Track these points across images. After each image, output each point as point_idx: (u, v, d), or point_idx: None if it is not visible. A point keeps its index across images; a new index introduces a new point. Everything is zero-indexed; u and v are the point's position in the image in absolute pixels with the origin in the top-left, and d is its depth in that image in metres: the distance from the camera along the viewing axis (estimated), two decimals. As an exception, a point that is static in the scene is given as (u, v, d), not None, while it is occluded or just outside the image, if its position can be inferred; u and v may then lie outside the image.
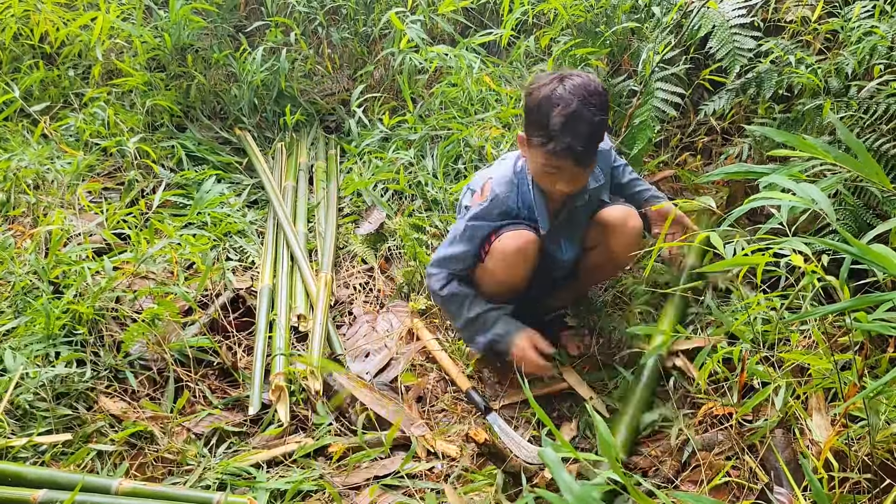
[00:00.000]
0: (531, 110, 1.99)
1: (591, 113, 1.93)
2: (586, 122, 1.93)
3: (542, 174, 2.07)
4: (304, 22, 4.18)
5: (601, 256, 2.32)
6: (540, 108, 1.94)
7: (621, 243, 2.25)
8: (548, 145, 1.95)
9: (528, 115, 2.01)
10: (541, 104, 1.95)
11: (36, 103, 3.48)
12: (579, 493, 1.14)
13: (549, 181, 2.08)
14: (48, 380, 2.10)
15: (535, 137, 1.98)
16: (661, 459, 2.02)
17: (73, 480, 1.79)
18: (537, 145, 1.99)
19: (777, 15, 2.83)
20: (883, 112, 2.32)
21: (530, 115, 2.00)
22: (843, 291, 1.42)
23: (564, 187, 2.07)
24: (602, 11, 3.24)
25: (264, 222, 3.18)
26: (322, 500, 1.94)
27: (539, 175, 2.10)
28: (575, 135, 1.92)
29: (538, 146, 1.99)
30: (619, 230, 2.24)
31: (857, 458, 1.65)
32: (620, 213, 2.25)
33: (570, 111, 1.90)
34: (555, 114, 1.91)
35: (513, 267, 2.20)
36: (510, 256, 2.17)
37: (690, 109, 3.09)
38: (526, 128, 2.04)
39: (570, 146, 1.93)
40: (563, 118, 1.90)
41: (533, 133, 2.00)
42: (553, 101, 1.92)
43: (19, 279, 2.36)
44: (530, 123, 2.00)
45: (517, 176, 2.21)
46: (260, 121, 3.92)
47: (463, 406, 2.31)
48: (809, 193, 1.20)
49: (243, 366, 2.44)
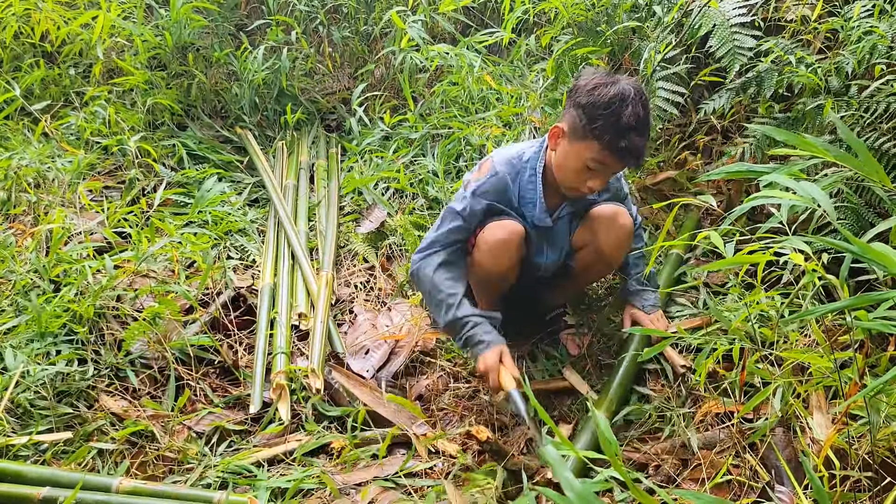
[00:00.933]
0: (596, 105, 1.97)
1: (649, 117, 2.02)
2: (648, 124, 2.01)
3: (580, 170, 2.06)
4: (305, 21, 4.18)
5: (591, 256, 2.31)
6: (609, 105, 1.95)
7: (611, 242, 2.24)
8: (613, 141, 1.96)
9: (589, 109, 1.98)
10: (611, 101, 1.95)
11: (37, 102, 3.48)
12: (580, 490, 1.14)
13: (583, 178, 2.07)
14: (49, 378, 2.10)
15: (598, 132, 1.97)
16: (661, 458, 2.02)
17: (73, 479, 1.79)
18: (596, 140, 1.98)
19: (777, 14, 2.83)
20: (883, 111, 2.32)
21: (593, 110, 1.97)
22: (842, 290, 1.42)
23: (595, 185, 2.07)
24: (603, 10, 3.24)
25: (265, 221, 3.19)
26: (323, 498, 1.94)
27: (576, 171, 2.07)
28: (641, 134, 1.98)
29: (596, 140, 1.98)
30: (608, 229, 2.23)
31: (858, 457, 1.65)
32: (610, 211, 2.24)
33: (639, 111, 1.96)
34: (627, 113, 1.94)
35: (498, 257, 2.19)
36: (495, 247, 2.16)
37: (691, 108, 3.09)
38: (581, 123, 2.01)
39: (638, 145, 1.98)
40: (633, 117, 1.95)
41: (593, 129, 1.98)
42: (625, 100, 1.95)
43: (20, 278, 2.36)
44: (592, 119, 1.98)
45: (522, 164, 2.20)
46: (261, 119, 3.93)
47: (464, 404, 2.31)
48: (810, 192, 1.20)
49: (244, 364, 2.44)
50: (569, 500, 1.14)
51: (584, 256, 2.34)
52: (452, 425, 2.25)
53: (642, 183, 2.98)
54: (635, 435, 2.14)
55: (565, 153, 2.09)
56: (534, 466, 1.97)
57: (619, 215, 2.24)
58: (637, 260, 2.43)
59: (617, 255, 2.28)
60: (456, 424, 2.25)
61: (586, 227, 2.29)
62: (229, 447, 2.14)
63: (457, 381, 2.41)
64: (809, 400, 1.91)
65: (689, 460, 1.97)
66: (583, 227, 2.30)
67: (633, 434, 2.14)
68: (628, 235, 2.26)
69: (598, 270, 2.41)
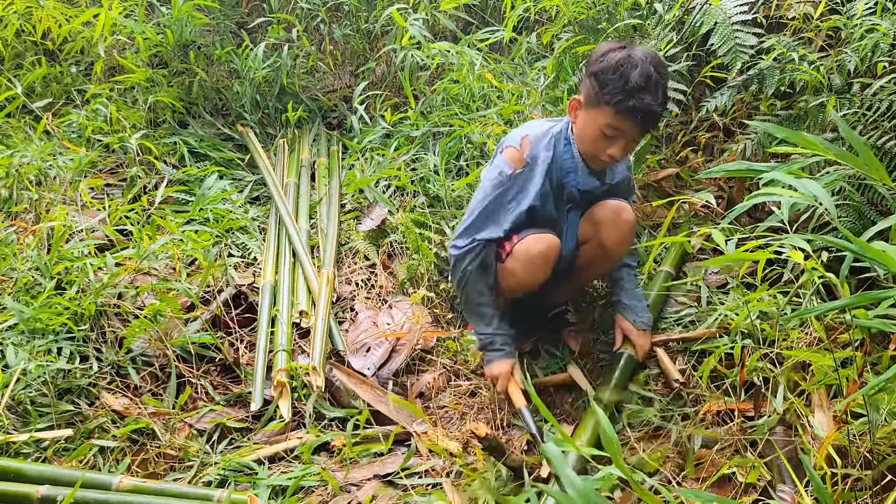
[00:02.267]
0: (605, 70, 2.00)
1: (664, 80, 2.02)
2: (662, 88, 2.01)
3: (598, 138, 2.07)
4: (306, 18, 4.18)
5: (594, 251, 2.31)
6: (618, 68, 1.97)
7: (613, 237, 2.24)
8: (623, 102, 1.97)
9: (600, 75, 2.01)
10: (619, 64, 1.97)
11: (38, 100, 3.48)
12: (582, 488, 1.14)
13: (602, 146, 2.07)
14: (50, 376, 2.10)
15: (608, 97, 1.99)
16: (662, 457, 2.02)
17: (73, 477, 1.80)
18: (608, 105, 2.00)
19: (779, 12, 2.82)
20: (886, 109, 2.32)
21: (604, 76, 2.00)
22: (842, 289, 1.42)
23: (616, 152, 2.07)
24: (604, 8, 3.24)
25: (266, 219, 3.19)
26: (323, 495, 1.95)
27: (593, 140, 2.09)
28: (653, 96, 1.98)
29: (608, 105, 2.00)
30: (611, 223, 2.24)
31: (859, 455, 1.65)
32: (613, 206, 2.25)
33: (648, 73, 1.96)
34: (636, 74, 1.95)
35: (535, 270, 2.20)
36: (534, 259, 2.17)
37: (692, 106, 3.08)
38: (593, 91, 2.03)
39: (647, 105, 1.97)
40: (643, 78, 1.95)
41: (604, 94, 2.00)
42: (631, 62, 1.97)
43: (22, 275, 2.36)
44: (602, 84, 2.00)
45: (556, 136, 2.20)
46: (262, 117, 3.92)
47: (465, 402, 2.31)
48: (811, 190, 1.20)
49: (245, 362, 2.44)
50: (570, 498, 1.14)
51: (588, 251, 2.34)
52: (453, 423, 2.25)
53: (644, 180, 2.98)
54: (635, 435, 2.14)
55: (583, 123, 2.11)
56: (535, 462, 1.97)
57: (623, 210, 2.24)
58: (631, 274, 2.42)
59: (620, 250, 2.29)
60: (456, 422, 2.25)
61: (589, 221, 2.29)
62: (230, 445, 2.14)
63: (457, 378, 2.41)
64: (811, 398, 1.91)
65: (689, 459, 1.97)
66: (586, 221, 2.30)
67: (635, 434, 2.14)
68: (631, 230, 2.26)
69: (601, 265, 2.41)
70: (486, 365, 2.24)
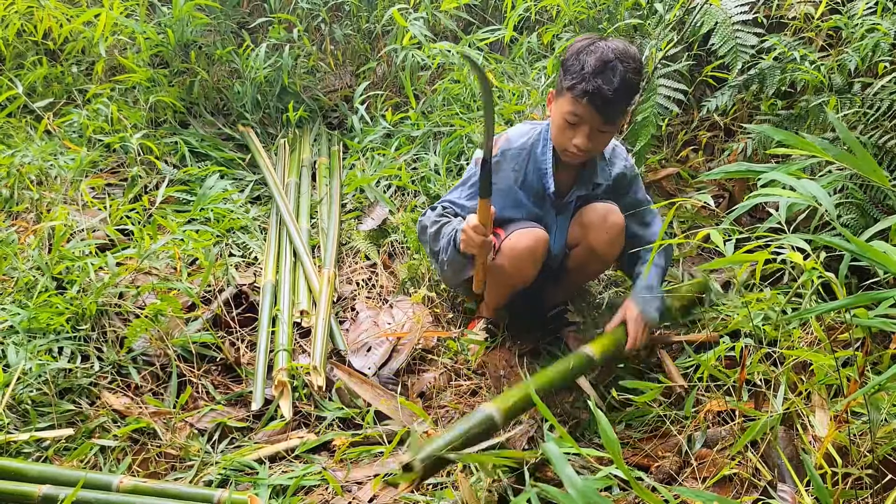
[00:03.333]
0: (568, 58, 2.04)
1: (624, 67, 2.00)
2: (619, 74, 1.99)
3: (564, 127, 2.08)
4: (307, 18, 4.18)
5: (584, 254, 2.30)
6: (578, 55, 2.01)
7: (602, 240, 2.24)
8: (578, 86, 1.99)
9: (564, 63, 2.06)
10: (579, 51, 2.01)
11: (39, 99, 3.48)
12: (582, 487, 1.14)
13: (568, 135, 2.08)
14: (51, 375, 2.10)
15: (566, 82, 2.02)
16: (662, 456, 2.02)
17: (74, 477, 1.80)
18: (567, 90, 2.03)
19: (779, 12, 2.82)
20: (887, 108, 2.32)
21: (566, 63, 2.04)
22: (841, 289, 1.42)
23: (580, 141, 2.07)
24: (605, 8, 3.24)
25: (267, 218, 3.19)
26: (324, 495, 1.95)
27: (560, 129, 2.10)
28: (606, 80, 1.98)
29: (567, 91, 2.02)
30: (599, 227, 2.23)
31: (860, 454, 1.65)
32: (600, 209, 2.24)
33: (606, 58, 1.98)
34: (592, 59, 1.98)
35: (522, 265, 2.20)
36: (521, 254, 2.17)
37: (693, 106, 3.09)
38: (559, 79, 2.07)
39: (600, 89, 1.97)
40: (598, 63, 1.97)
41: (565, 80, 2.04)
42: (591, 49, 2.00)
43: (22, 275, 2.37)
44: (565, 71, 2.04)
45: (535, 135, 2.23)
46: (263, 117, 3.93)
47: (466, 401, 2.31)
48: (810, 190, 1.20)
49: (246, 361, 2.44)
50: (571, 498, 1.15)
51: (578, 254, 2.34)
52: (454, 423, 2.25)
53: (644, 179, 2.98)
54: (636, 436, 2.14)
55: (553, 114, 2.14)
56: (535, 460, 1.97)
57: (610, 213, 2.23)
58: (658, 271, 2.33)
59: (610, 252, 2.28)
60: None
61: (578, 224, 2.29)
62: (231, 444, 2.15)
63: (458, 378, 2.41)
64: (812, 398, 1.91)
65: (690, 459, 1.97)
66: (575, 224, 2.30)
67: (636, 435, 2.14)
68: (620, 233, 2.25)
69: (593, 268, 2.41)
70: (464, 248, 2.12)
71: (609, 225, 2.23)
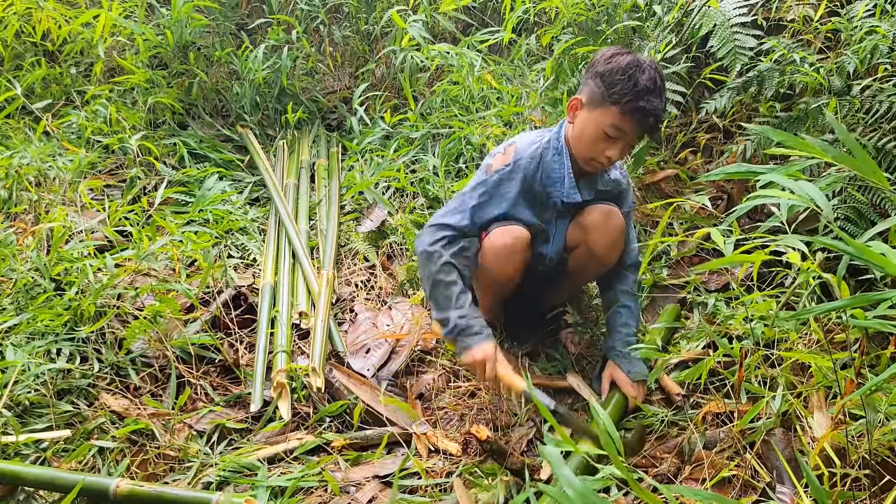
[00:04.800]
0: (614, 72, 2.03)
1: (664, 86, 2.09)
2: (664, 92, 2.09)
3: (599, 139, 2.07)
4: (306, 20, 4.19)
5: (584, 256, 2.30)
6: (627, 71, 2.01)
7: (602, 242, 2.24)
8: (629, 103, 2.00)
9: (608, 76, 2.04)
10: (630, 67, 2.02)
11: (38, 101, 3.48)
12: (580, 488, 1.14)
13: (601, 147, 2.08)
14: (50, 376, 2.10)
15: (616, 97, 2.02)
16: (661, 458, 2.02)
17: (71, 480, 1.79)
18: (614, 104, 2.02)
19: (778, 14, 2.82)
20: (885, 111, 2.32)
21: (612, 77, 2.03)
22: (839, 290, 1.42)
23: (614, 154, 2.08)
24: (603, 10, 3.25)
25: (266, 220, 3.19)
26: (323, 496, 1.95)
27: (594, 140, 2.09)
28: (657, 100, 2.03)
29: (614, 105, 2.02)
30: (599, 228, 2.22)
31: (858, 456, 1.65)
32: (601, 211, 2.24)
33: (656, 77, 2.03)
34: (644, 78, 2.00)
35: (504, 263, 2.19)
36: (500, 251, 2.16)
37: (692, 108, 3.09)
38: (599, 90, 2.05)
39: (653, 108, 2.02)
40: (650, 82, 2.01)
41: (611, 94, 2.03)
42: (642, 67, 2.02)
43: (21, 276, 2.36)
44: (610, 84, 2.03)
45: (544, 144, 2.21)
46: (262, 118, 3.93)
47: (464, 403, 2.31)
48: (808, 192, 1.21)
49: (245, 363, 2.44)
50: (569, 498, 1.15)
51: (578, 256, 2.33)
52: (452, 424, 2.25)
53: (642, 181, 2.98)
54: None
55: (584, 123, 2.11)
56: (535, 465, 1.97)
57: (611, 216, 2.23)
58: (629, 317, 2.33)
59: (610, 255, 2.28)
60: (456, 423, 2.25)
61: (578, 226, 2.28)
62: (230, 446, 2.14)
63: (457, 379, 2.41)
64: (810, 399, 1.91)
65: (688, 460, 1.97)
66: (575, 226, 2.29)
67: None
68: (621, 235, 2.25)
69: (593, 270, 2.40)
70: (462, 353, 2.04)
71: (610, 227, 2.22)
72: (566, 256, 2.36)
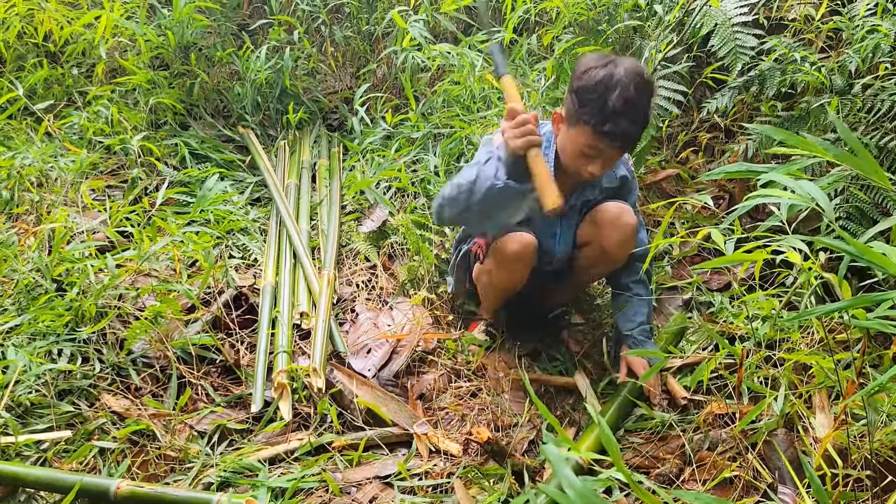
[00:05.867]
0: (586, 90, 1.95)
1: (644, 100, 1.96)
2: (640, 108, 1.96)
3: (580, 155, 2.04)
4: (307, 20, 4.18)
5: (595, 253, 2.30)
6: (597, 90, 1.93)
7: (614, 240, 2.23)
8: (602, 126, 1.93)
9: (581, 94, 1.96)
10: (599, 86, 1.93)
11: (40, 101, 3.48)
12: (580, 489, 1.14)
13: (584, 162, 2.05)
14: (51, 377, 2.10)
15: (586, 117, 1.95)
16: (663, 459, 2.02)
17: (70, 481, 1.79)
18: (586, 125, 1.96)
19: (779, 14, 2.82)
20: (887, 109, 2.32)
21: (584, 95, 1.95)
22: (841, 290, 1.41)
23: (597, 169, 2.04)
24: (604, 10, 3.24)
25: (267, 220, 3.19)
26: (323, 497, 1.95)
27: (575, 155, 2.05)
28: (631, 119, 1.94)
29: (586, 125, 1.96)
30: (612, 226, 2.22)
31: (860, 456, 1.65)
32: (614, 209, 2.23)
33: (629, 95, 1.91)
34: (614, 96, 1.90)
35: (512, 270, 2.20)
36: (508, 258, 2.17)
37: (693, 107, 3.08)
38: (574, 108, 1.99)
39: (626, 130, 1.94)
40: (620, 101, 1.90)
41: (584, 114, 1.96)
42: (613, 84, 1.92)
43: (23, 277, 2.36)
44: (582, 102, 1.96)
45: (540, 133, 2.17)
46: (263, 119, 3.93)
47: (465, 403, 2.31)
48: (808, 191, 1.20)
49: (246, 363, 2.44)
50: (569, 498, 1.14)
51: (589, 253, 2.33)
52: (453, 425, 2.25)
53: (644, 181, 2.98)
54: (637, 441, 2.14)
55: (565, 139, 2.08)
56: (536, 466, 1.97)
57: (624, 214, 2.22)
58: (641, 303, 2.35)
59: (621, 253, 2.27)
60: (457, 424, 2.25)
61: (590, 223, 2.28)
62: (230, 446, 2.14)
63: (458, 380, 2.41)
64: (812, 400, 1.91)
65: (690, 461, 1.97)
66: (587, 223, 2.30)
67: (636, 441, 2.14)
68: (633, 233, 2.24)
69: (602, 268, 2.40)
70: (511, 144, 1.96)
71: (622, 224, 2.21)
72: (575, 253, 2.36)
